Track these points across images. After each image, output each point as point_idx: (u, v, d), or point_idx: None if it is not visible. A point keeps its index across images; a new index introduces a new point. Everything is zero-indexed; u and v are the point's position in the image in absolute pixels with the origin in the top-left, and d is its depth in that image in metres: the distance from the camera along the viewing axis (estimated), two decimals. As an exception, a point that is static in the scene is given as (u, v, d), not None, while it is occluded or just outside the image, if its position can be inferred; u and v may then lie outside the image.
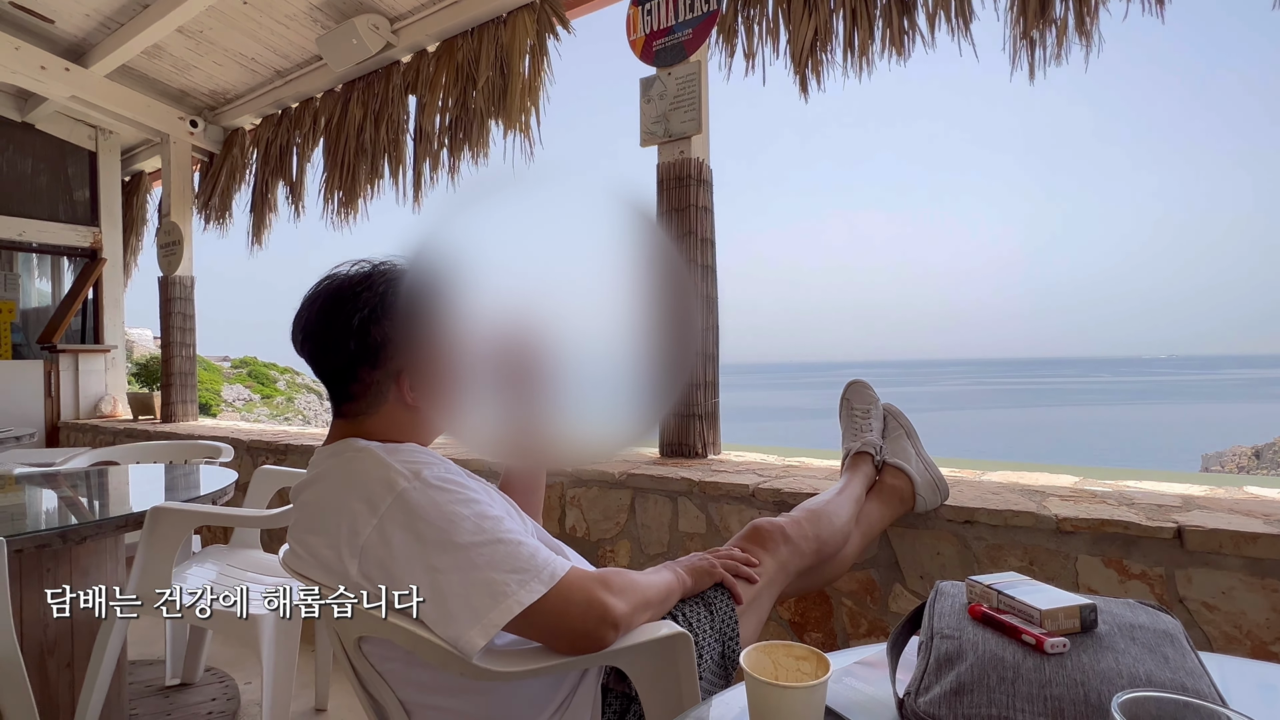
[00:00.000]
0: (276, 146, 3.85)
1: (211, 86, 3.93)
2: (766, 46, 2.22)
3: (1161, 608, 0.67)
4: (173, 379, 4.02)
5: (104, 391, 4.65)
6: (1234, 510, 1.28)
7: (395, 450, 0.84)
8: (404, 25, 3.09)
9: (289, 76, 3.67)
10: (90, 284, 4.65)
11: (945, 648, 0.58)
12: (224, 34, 3.42)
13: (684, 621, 0.96)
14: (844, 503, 1.29)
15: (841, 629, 1.55)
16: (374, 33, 3.04)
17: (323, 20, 3.21)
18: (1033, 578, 0.68)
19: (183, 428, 3.77)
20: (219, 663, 2.13)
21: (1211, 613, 1.19)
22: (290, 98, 3.72)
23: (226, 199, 4.15)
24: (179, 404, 4.02)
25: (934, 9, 1.95)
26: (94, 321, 4.75)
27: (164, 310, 4.05)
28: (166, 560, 1.45)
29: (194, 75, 3.83)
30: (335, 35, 3.09)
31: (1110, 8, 1.77)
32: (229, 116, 4.06)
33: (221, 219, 4.19)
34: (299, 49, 3.46)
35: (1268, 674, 0.68)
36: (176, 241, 4.05)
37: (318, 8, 3.13)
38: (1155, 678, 0.52)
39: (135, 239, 5.05)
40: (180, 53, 3.64)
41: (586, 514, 1.96)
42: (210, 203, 4.19)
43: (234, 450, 2.39)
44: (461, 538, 0.76)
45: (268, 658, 1.45)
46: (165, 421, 4.04)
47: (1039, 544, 1.33)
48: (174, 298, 4.03)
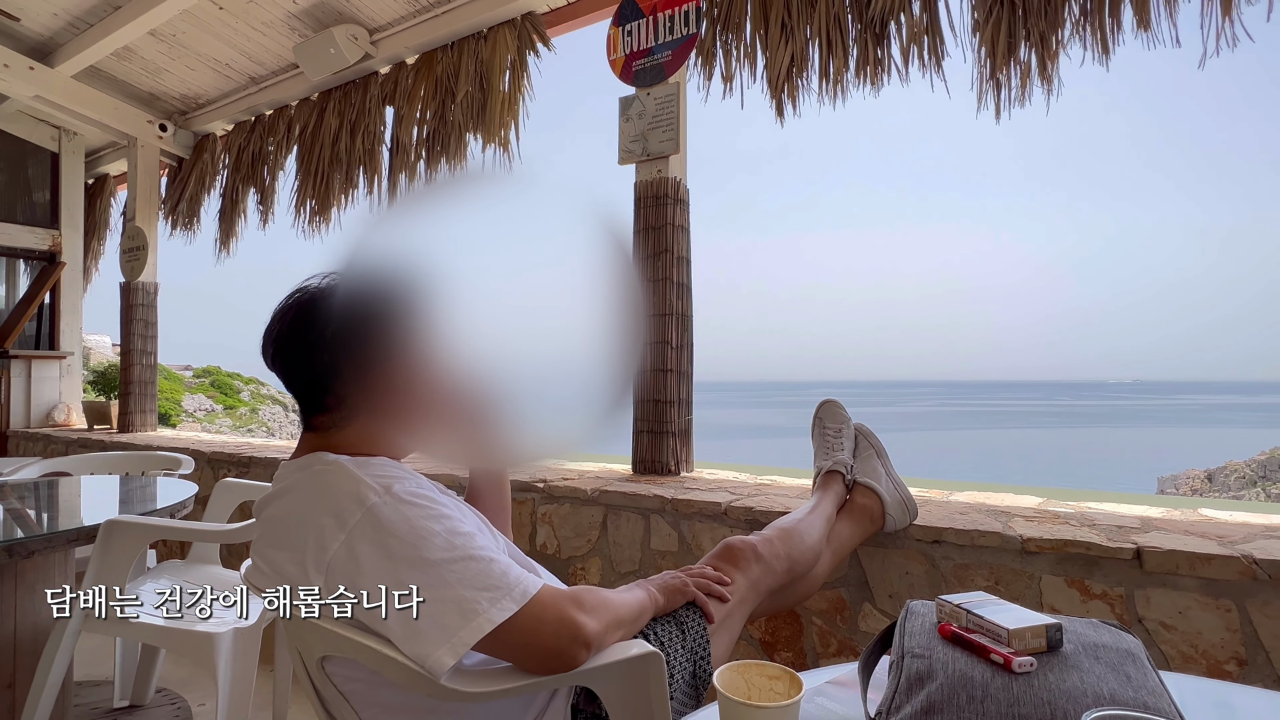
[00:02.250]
0: (249, 153, 3.79)
1: (183, 91, 3.86)
2: (744, 70, 2.27)
3: (1123, 627, 0.68)
4: (132, 387, 3.90)
5: (58, 399, 4.49)
6: (1189, 532, 1.32)
7: (366, 464, 0.82)
8: (383, 37, 3.09)
9: (264, 83, 3.63)
10: (47, 288, 4.50)
11: (916, 667, 0.59)
12: (198, 38, 3.38)
13: (656, 640, 0.95)
14: (815, 521, 1.30)
15: (812, 648, 1.55)
16: (352, 43, 3.03)
17: (300, 29, 3.18)
18: (999, 597, 0.69)
19: (140, 438, 3.66)
20: (171, 683, 2.05)
21: (1169, 632, 1.22)
22: (264, 105, 3.68)
23: (195, 205, 4.07)
24: (138, 413, 3.90)
25: (907, 43, 2.01)
26: (50, 327, 4.59)
27: (125, 317, 3.94)
28: (119, 576, 1.40)
29: (165, 79, 3.77)
30: (313, 44, 3.07)
31: (1070, 53, 1.85)
32: (200, 121, 3.99)
33: (189, 225, 4.10)
34: (275, 56, 3.43)
35: (1223, 692, 0.69)
36: (140, 247, 3.96)
37: (295, 16, 3.11)
38: (1119, 696, 0.53)
39: (97, 243, 4.91)
40: (151, 55, 3.58)
41: (558, 531, 1.94)
42: (178, 208, 4.11)
43: (194, 462, 2.32)
44: (432, 554, 0.75)
45: (224, 677, 1.40)
46: (122, 431, 3.91)
47: (1005, 564, 1.35)
48: (136, 304, 3.92)
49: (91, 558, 1.40)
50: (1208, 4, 1.70)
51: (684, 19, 2.10)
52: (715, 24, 2.30)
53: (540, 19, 2.75)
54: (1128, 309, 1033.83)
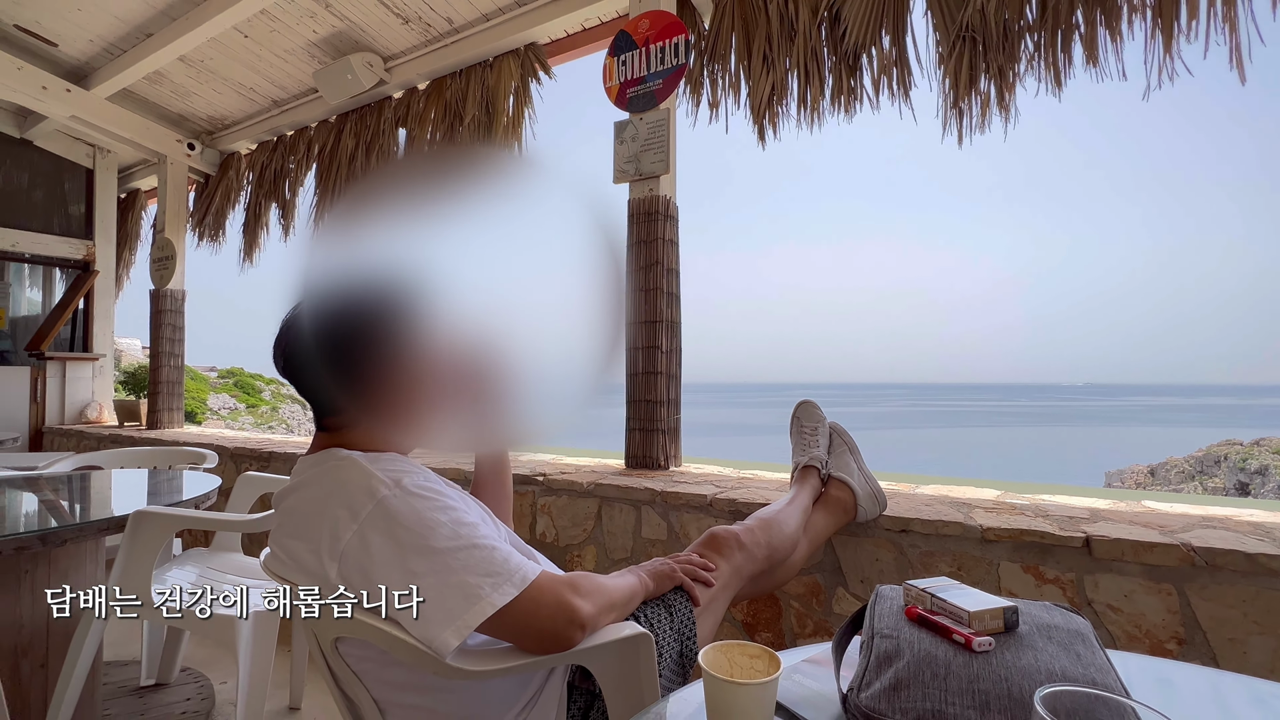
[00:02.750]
0: (271, 171, 3.77)
1: (210, 113, 3.84)
2: (729, 98, 2.28)
3: (1073, 609, 0.68)
4: (160, 387, 3.86)
5: (90, 398, 4.44)
6: (1134, 522, 1.33)
7: (377, 459, 0.81)
8: (397, 64, 3.08)
9: (285, 106, 3.61)
10: (81, 295, 4.46)
11: (884, 647, 0.59)
12: (224, 64, 3.36)
13: (645, 622, 0.95)
14: (793, 512, 1.30)
15: (789, 629, 1.55)
16: (368, 70, 3.02)
17: (320, 56, 3.17)
18: (961, 582, 0.69)
19: (168, 434, 3.62)
20: (194, 663, 2.03)
21: (1115, 614, 1.22)
22: (286, 126, 3.66)
23: (220, 218, 4.04)
24: (165, 411, 3.86)
25: (878, 74, 2.02)
26: (83, 331, 4.55)
27: (154, 321, 3.90)
28: (147, 563, 1.38)
29: (193, 101, 3.74)
30: (331, 70, 3.06)
31: (1026, 85, 1.86)
32: (226, 141, 3.96)
33: (215, 237, 4.07)
34: (296, 81, 3.42)
35: (1164, 669, 0.70)
36: (169, 256, 3.92)
37: (315, 44, 3.10)
38: (1070, 673, 0.53)
39: (128, 253, 4.86)
40: (181, 80, 3.55)
41: (556, 521, 1.94)
42: (204, 221, 4.08)
43: (218, 456, 2.30)
44: (438, 543, 0.74)
45: (244, 657, 1.38)
46: (151, 428, 3.87)
47: (966, 551, 1.35)
48: (165, 310, 3.88)
49: (121, 546, 1.38)
50: (1150, 42, 1.72)
51: (674, 50, 2.10)
52: (703, 55, 2.31)
53: (542, 49, 2.75)
54: (1080, 317, 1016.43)
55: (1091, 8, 1.78)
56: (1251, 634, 1.13)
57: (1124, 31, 1.76)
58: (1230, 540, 1.18)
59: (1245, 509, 1.44)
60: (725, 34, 2.29)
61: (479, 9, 2.75)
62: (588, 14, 2.56)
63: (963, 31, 1.89)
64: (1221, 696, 0.64)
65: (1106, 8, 1.76)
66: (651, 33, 2.14)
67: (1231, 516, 1.37)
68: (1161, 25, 1.71)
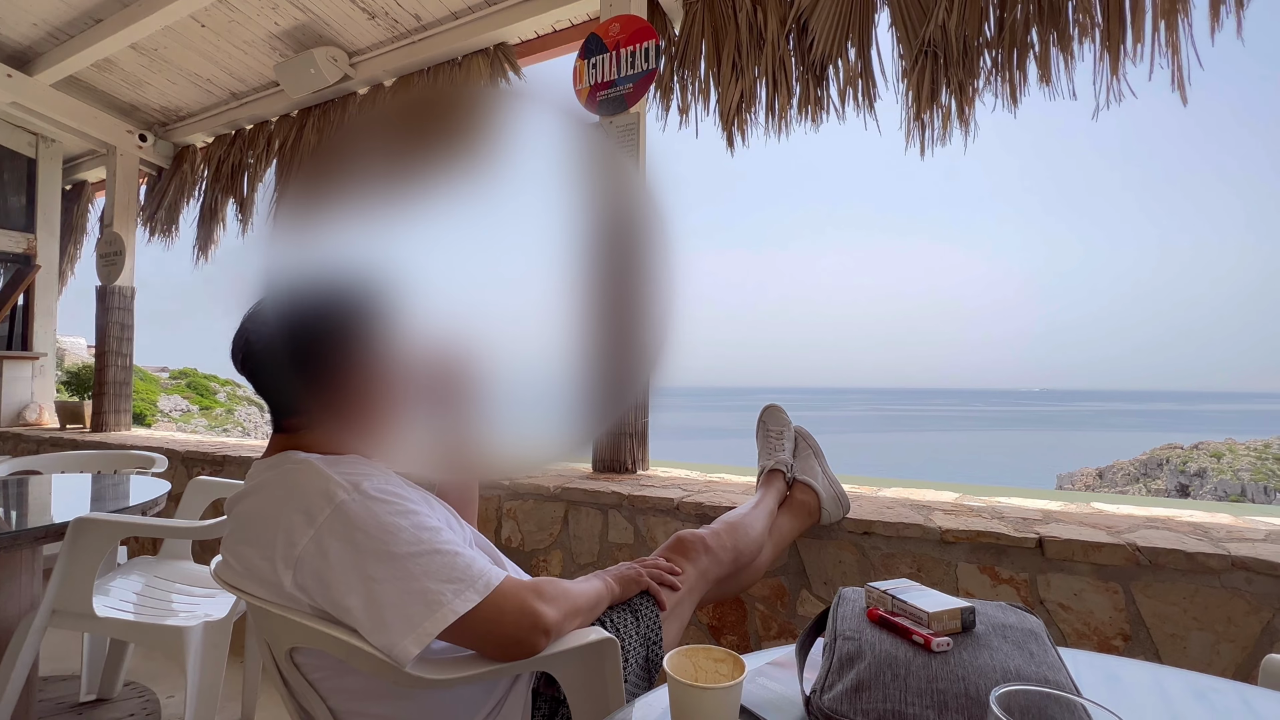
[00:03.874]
0: (228, 165, 3.65)
1: (163, 103, 3.70)
2: (699, 104, 2.30)
3: (1027, 609, 0.70)
4: (106, 388, 3.69)
5: (30, 399, 4.22)
6: (1084, 523, 1.38)
7: (336, 462, 0.79)
8: (362, 60, 3.01)
9: (244, 99, 3.50)
10: (21, 290, 4.23)
11: (847, 648, 0.60)
12: (179, 54, 3.24)
13: (611, 627, 0.94)
14: (759, 516, 1.31)
15: (754, 631, 1.56)
16: (332, 64, 2.95)
17: (281, 49, 3.09)
18: (920, 583, 0.71)
19: (114, 437, 3.46)
20: (139, 676, 1.94)
21: (1066, 612, 1.27)
22: (245, 119, 3.55)
23: (174, 213, 3.89)
24: (111, 413, 3.69)
25: (844, 85, 2.06)
26: (23, 328, 4.32)
27: (101, 319, 3.73)
28: (88, 573, 1.31)
29: (146, 91, 3.60)
30: (294, 64, 2.98)
31: (984, 100, 1.92)
32: (180, 133, 3.82)
33: (167, 232, 3.92)
34: (255, 74, 3.32)
35: (1111, 665, 0.72)
36: (118, 252, 3.76)
37: (277, 37, 3.01)
38: (1023, 672, 0.55)
39: (74, 247, 4.64)
40: (132, 68, 3.41)
41: (522, 525, 1.91)
42: (156, 215, 3.92)
43: (167, 460, 2.21)
44: (399, 548, 0.73)
45: (193, 669, 1.33)
46: (96, 431, 3.70)
47: (926, 553, 1.38)
48: (112, 307, 3.72)
49: (60, 555, 1.31)
50: (1099, 63, 1.79)
51: (644, 55, 2.11)
52: (673, 61, 2.33)
53: (512, 49, 2.73)
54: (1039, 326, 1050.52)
55: (1045, 28, 1.85)
56: (1191, 629, 1.18)
57: (1075, 51, 1.83)
58: (1172, 540, 1.23)
59: (1185, 510, 1.51)
60: (695, 40, 2.30)
61: (448, 7, 2.71)
62: (558, 15, 2.55)
63: (925, 46, 1.94)
64: (1164, 691, 0.67)
65: (1059, 29, 1.83)
66: (622, 36, 2.15)
67: (1173, 517, 1.44)
68: (1109, 47, 1.78)
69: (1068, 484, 23.00)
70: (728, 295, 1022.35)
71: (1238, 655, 1.15)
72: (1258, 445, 20.12)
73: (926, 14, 1.93)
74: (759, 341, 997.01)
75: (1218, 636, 1.16)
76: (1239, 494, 18.52)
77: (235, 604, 1.45)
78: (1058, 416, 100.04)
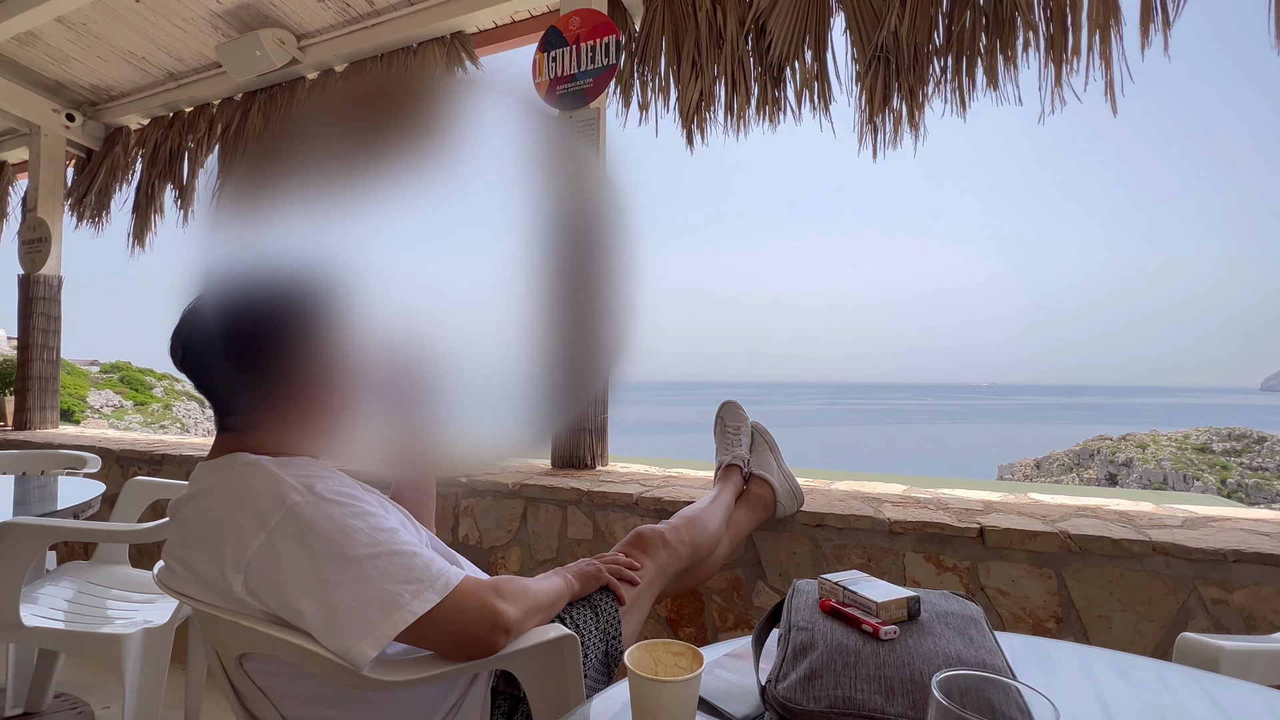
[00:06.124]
0: (166, 149, 3.47)
1: (93, 81, 3.48)
2: (659, 101, 2.30)
3: (967, 596, 0.74)
4: (31, 383, 3.47)
5: (-57, 395, 3.93)
6: (1021, 513, 1.45)
7: (287, 464, 0.77)
8: (312, 44, 2.91)
9: (183, 80, 3.33)
10: (-68, 278, 3.94)
11: (800, 639, 0.62)
12: (110, 29, 3.06)
13: (571, 624, 0.95)
14: (716, 510, 1.34)
15: (712, 623, 1.59)
16: (279, 47, 2.83)
17: (224, 29, 2.95)
18: (870, 573, 0.74)
19: (40, 435, 3.26)
20: (70, 687, 1.84)
21: (1004, 597, 1.33)
22: (184, 101, 3.38)
23: (104, 197, 3.68)
24: (36, 410, 3.48)
25: (800, 87, 2.10)
26: (-65, 319, 4.02)
27: (24, 310, 3.50)
28: (15, 581, 1.24)
29: (73, 67, 3.39)
30: (237, 45, 2.85)
31: (934, 105, 1.99)
32: (112, 114, 3.61)
33: (97, 218, 3.70)
34: (196, 54, 3.16)
35: (1043, 647, 0.77)
36: (43, 239, 3.53)
37: (219, 15, 2.87)
38: (963, 656, 0.58)
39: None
40: (58, 43, 3.20)
41: (480, 523, 1.90)
42: (85, 200, 3.70)
43: (101, 460, 2.10)
44: (355, 550, 0.71)
45: (132, 678, 1.27)
46: (19, 429, 3.48)
47: (875, 543, 1.44)
48: (37, 297, 3.50)
49: (-18, 562, 1.23)
50: (1044, 70, 1.88)
51: (604, 50, 2.10)
52: (634, 57, 2.32)
53: (469, 38, 2.68)
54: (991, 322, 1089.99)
55: (992, 35, 1.92)
56: (1116, 610, 1.26)
57: (1020, 60, 1.91)
58: (1100, 528, 1.31)
59: (1113, 499, 1.60)
60: (655, 37, 2.31)
61: (402, -8, 2.64)
62: (517, 6, 2.52)
63: (878, 52, 1.99)
64: (1090, 669, 0.72)
65: (1005, 37, 1.91)
66: (582, 31, 2.13)
67: (1102, 506, 1.53)
68: (1053, 56, 1.87)
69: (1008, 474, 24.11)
70: (685, 288, 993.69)
71: (1157, 633, 1.24)
72: (1178, 436, 21.52)
73: (880, 20, 1.98)
74: (715, 337, 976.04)
75: (1139, 616, 1.25)
76: (1161, 482, 19.78)
77: (177, 610, 1.39)
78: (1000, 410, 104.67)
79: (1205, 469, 19.86)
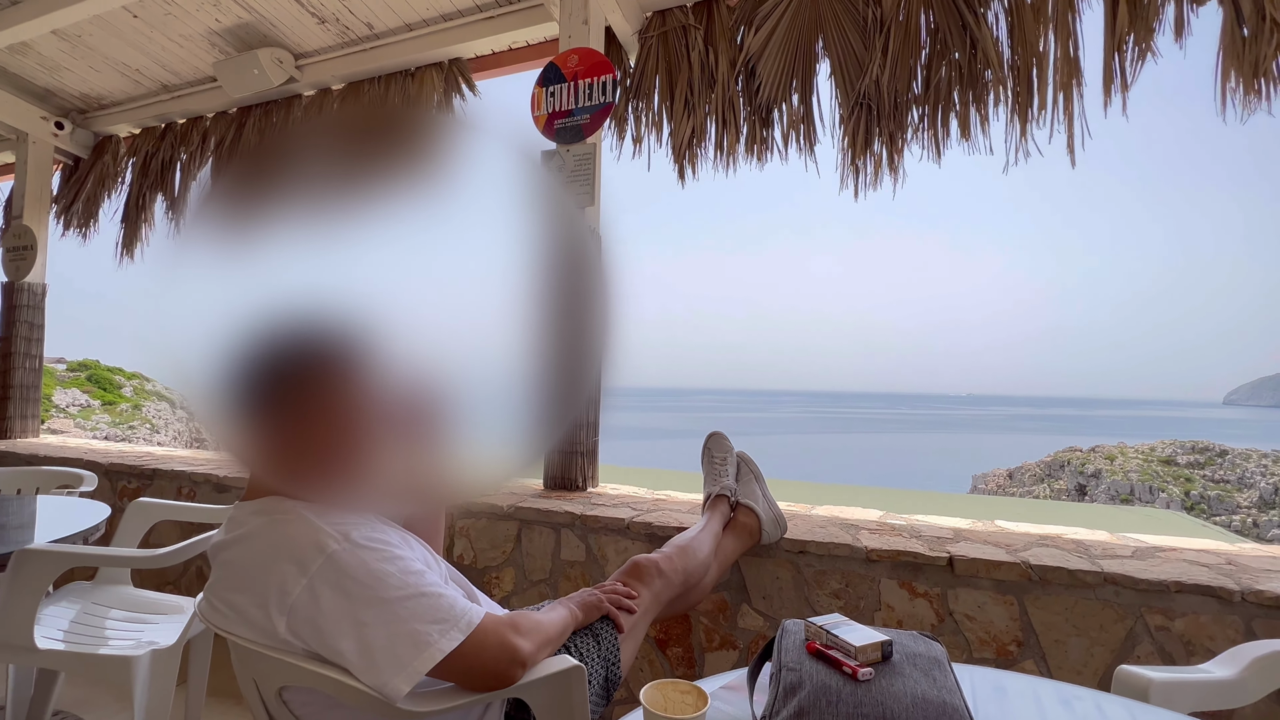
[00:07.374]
0: (158, 160, 3.48)
1: (84, 90, 3.48)
2: (651, 135, 2.40)
3: (933, 637, 0.84)
4: (12, 391, 3.45)
5: (-83, 401, 3.87)
6: (987, 541, 1.56)
7: (324, 512, 0.84)
8: (309, 63, 2.96)
9: (177, 92, 3.35)
10: (-91, 282, 3.88)
11: (789, 679, 0.71)
12: (106, 42, 3.07)
13: (575, 652, 1.03)
14: (706, 539, 1.43)
15: (699, 643, 1.68)
16: (277, 66, 2.88)
17: (222, 46, 2.98)
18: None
19: (22, 445, 3.24)
20: (68, 705, 1.87)
21: (971, 622, 1.44)
22: (177, 113, 3.40)
23: (92, 206, 3.67)
24: (18, 419, 3.46)
25: (787, 128, 2.22)
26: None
27: (7, 318, 3.48)
28: (30, 605, 1.28)
29: (65, 77, 3.38)
30: (235, 63, 2.89)
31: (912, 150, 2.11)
32: (102, 122, 3.61)
33: (84, 226, 3.69)
34: (191, 68, 3.18)
35: (1000, 679, 0.87)
36: (28, 246, 3.52)
37: (218, 34, 2.91)
38: (928, 695, 0.67)
39: (-29, 236, 4.29)
40: (51, 53, 3.21)
41: (474, 543, 1.96)
42: (72, 208, 3.69)
43: (97, 478, 2.12)
44: (387, 593, 0.79)
45: (140, 698, 1.32)
46: (1, 438, 3.45)
47: (853, 570, 1.54)
48: (20, 305, 3.48)
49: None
50: (1010, 124, 2.01)
51: (601, 88, 2.19)
52: (628, 92, 2.42)
53: (466, 64, 2.76)
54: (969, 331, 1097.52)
55: (965, 89, 2.05)
56: (1071, 636, 1.38)
57: (990, 113, 2.05)
58: (1058, 558, 1.43)
59: (1070, 528, 1.73)
60: (650, 74, 2.41)
61: (402, 18, 2.71)
62: (515, 37, 2.60)
63: (860, 99, 2.12)
64: (1039, 699, 0.82)
65: (976, 91, 2.04)
66: (580, 69, 2.22)
67: (1061, 535, 1.65)
68: (1019, 110, 2.00)
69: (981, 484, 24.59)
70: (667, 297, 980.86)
71: (1107, 657, 1.35)
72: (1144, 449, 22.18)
73: (862, 68, 2.11)
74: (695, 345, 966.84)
75: (1092, 641, 1.37)
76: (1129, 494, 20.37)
77: (185, 630, 1.44)
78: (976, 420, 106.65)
79: (1170, 480, 20.50)
